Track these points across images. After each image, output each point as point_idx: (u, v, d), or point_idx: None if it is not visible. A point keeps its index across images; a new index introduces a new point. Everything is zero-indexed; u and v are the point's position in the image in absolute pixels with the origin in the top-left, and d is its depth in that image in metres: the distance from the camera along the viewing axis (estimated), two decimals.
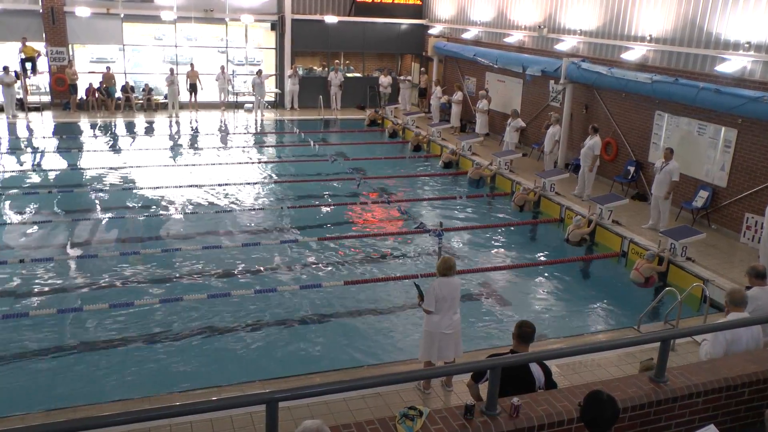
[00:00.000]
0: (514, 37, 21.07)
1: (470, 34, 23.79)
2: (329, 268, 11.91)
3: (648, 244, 12.36)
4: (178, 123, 24.53)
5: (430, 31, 27.07)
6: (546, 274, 12.01)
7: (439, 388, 7.90)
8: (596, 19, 17.42)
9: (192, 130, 23.84)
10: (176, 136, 22.95)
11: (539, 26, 19.75)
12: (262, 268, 11.79)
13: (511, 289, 11.37)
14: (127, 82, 26.11)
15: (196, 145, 21.40)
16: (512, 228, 14.49)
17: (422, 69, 28.44)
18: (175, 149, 21.02)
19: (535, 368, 5.60)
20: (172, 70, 25.10)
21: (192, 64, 25.96)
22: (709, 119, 13.96)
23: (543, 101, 20.08)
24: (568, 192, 15.70)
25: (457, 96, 22.58)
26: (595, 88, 17.39)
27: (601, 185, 16.61)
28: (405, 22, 28.08)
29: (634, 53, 15.92)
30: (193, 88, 25.80)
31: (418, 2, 28.06)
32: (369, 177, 16.32)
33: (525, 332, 5.77)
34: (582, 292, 11.37)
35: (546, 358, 5.74)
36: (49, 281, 11.07)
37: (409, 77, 27.46)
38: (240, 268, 11.75)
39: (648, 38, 15.58)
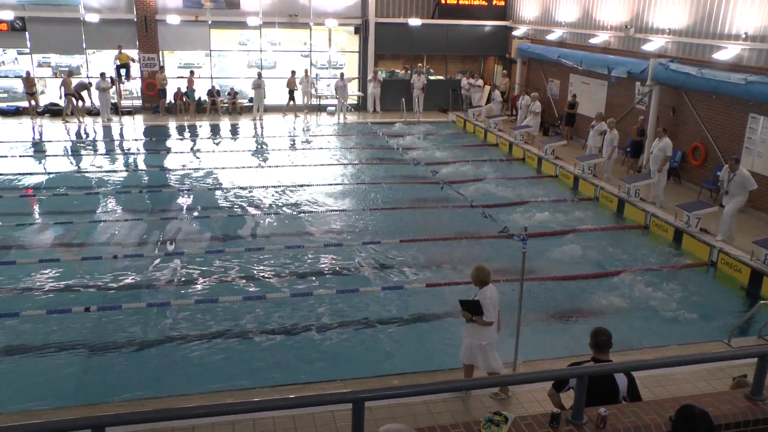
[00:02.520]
0: (600, 38, 20.66)
1: (554, 35, 23.47)
2: (411, 271, 11.98)
3: (739, 254, 11.90)
4: (262, 126, 25.14)
5: (514, 33, 26.82)
6: (630, 282, 11.72)
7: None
8: (686, 17, 16.89)
9: (283, 132, 24.33)
10: (260, 139, 23.51)
11: (626, 26, 19.28)
12: (344, 269, 11.98)
13: (594, 296, 11.15)
14: (213, 86, 26.99)
15: (279, 148, 21.85)
16: (595, 233, 14.20)
17: (504, 71, 28.19)
18: (259, 151, 21.56)
19: (619, 376, 5.54)
20: (259, 74, 25.77)
21: (293, 72, 26.69)
22: None
23: (628, 104, 19.60)
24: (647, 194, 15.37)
25: (536, 107, 22.23)
26: (683, 90, 16.87)
27: (688, 192, 16.10)
28: (488, 24, 27.92)
29: (726, 53, 15.36)
30: (291, 95, 26.40)
31: (502, 3, 27.83)
32: (452, 181, 16.29)
33: (601, 341, 5.72)
34: (668, 302, 11.05)
35: (632, 369, 5.64)
36: (139, 276, 11.59)
37: (479, 82, 27.18)
38: (322, 269, 11.97)
39: (743, 36, 14.99)
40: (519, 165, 20.13)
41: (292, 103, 26.55)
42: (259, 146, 22.40)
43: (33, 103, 24.92)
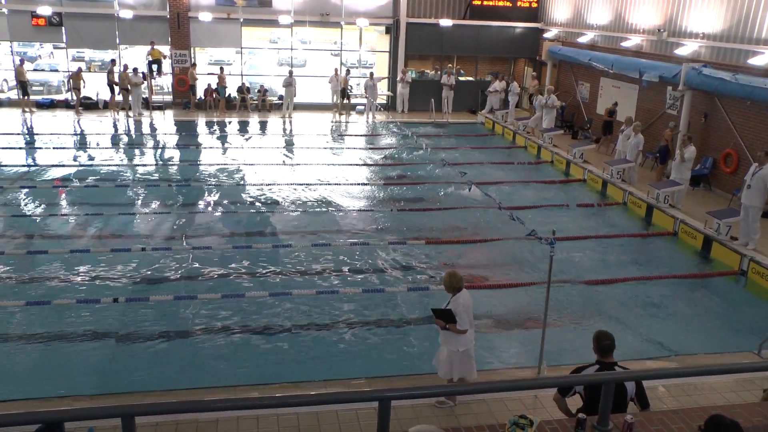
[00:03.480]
0: (632, 41, 20.45)
1: (586, 37, 23.28)
2: (437, 272, 11.97)
3: None
4: (291, 123, 25.28)
5: (545, 35, 26.65)
6: (657, 289, 11.60)
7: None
8: (721, 21, 16.65)
9: (312, 130, 24.46)
10: (289, 136, 23.64)
11: (658, 29, 19.06)
12: (369, 269, 12.00)
13: (620, 302, 11.05)
14: (243, 83, 27.21)
15: (307, 146, 21.94)
16: (623, 239, 14.08)
17: (534, 74, 28.02)
18: (287, 149, 21.67)
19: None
20: (290, 72, 25.93)
21: (348, 70, 26.89)
22: None
23: (659, 108, 19.39)
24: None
25: (552, 100, 22.12)
26: (716, 96, 16.65)
27: (719, 199, 15.90)
28: (520, 25, 27.79)
29: (762, 58, 15.13)
30: (343, 93, 26.62)
31: (534, 5, 27.67)
32: (480, 182, 16.26)
33: (605, 345, 5.75)
34: (696, 310, 10.93)
35: (659, 377, 5.60)
36: (167, 269, 11.72)
37: (496, 88, 27.01)
38: (348, 267, 12.00)
39: None
40: (547, 168, 20.01)
41: (346, 101, 26.80)
42: (287, 144, 22.52)
43: (74, 97, 25.28)
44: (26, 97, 25.09)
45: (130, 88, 24.69)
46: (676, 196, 15.17)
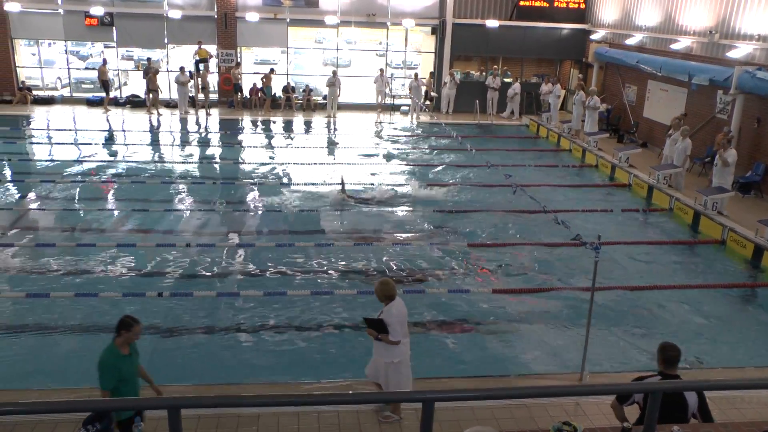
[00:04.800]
0: (682, 44, 20.02)
1: (634, 39, 22.89)
2: (478, 275, 11.91)
3: None
4: (335, 123, 25.42)
5: (592, 37, 26.29)
6: (704, 298, 11.36)
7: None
8: None
9: (356, 130, 24.56)
10: (332, 136, 23.74)
11: (710, 31, 18.62)
12: (411, 269, 11.99)
13: (665, 310, 10.84)
14: (288, 83, 27.48)
15: (350, 145, 22.02)
16: (669, 246, 13.81)
17: (580, 75, 27.70)
18: (331, 148, 21.78)
19: (689, 393, 5.40)
20: (334, 72, 26.09)
21: (431, 73, 27.20)
22: None
23: (708, 113, 18.96)
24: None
25: (594, 102, 21.94)
26: None
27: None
28: (566, 26, 27.47)
29: None
30: (426, 95, 26.76)
31: (582, 6, 27.34)
32: (524, 184, 16.07)
33: (671, 356, 5.60)
34: (745, 321, 10.66)
35: (709, 389, 5.45)
36: (210, 265, 11.90)
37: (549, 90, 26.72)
38: (389, 268, 12.02)
39: None
40: (592, 171, 19.75)
41: (427, 104, 26.98)
42: (331, 143, 22.62)
43: (151, 96, 25.87)
44: (107, 96, 25.71)
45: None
46: (721, 203, 14.83)
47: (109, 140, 21.85)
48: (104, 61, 26.41)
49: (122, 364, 6.03)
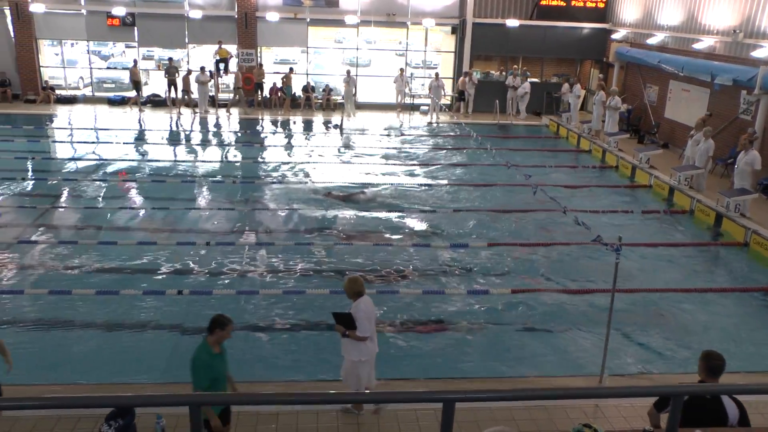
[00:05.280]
0: (704, 43, 19.82)
1: (655, 39, 22.70)
2: (498, 275, 11.88)
3: None
4: (353, 122, 25.45)
5: (613, 36, 26.11)
6: (726, 301, 11.24)
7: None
8: None
9: (374, 129, 24.57)
10: (351, 135, 23.73)
11: (734, 30, 18.41)
12: (430, 270, 11.98)
13: (690, 313, 10.73)
14: (308, 83, 27.58)
15: (369, 145, 22.04)
16: (690, 248, 13.68)
17: (601, 75, 27.52)
18: (349, 148, 21.74)
19: (729, 403, 5.09)
20: (348, 72, 26.14)
21: (466, 73, 27.23)
22: None
23: (731, 113, 18.75)
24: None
25: (615, 102, 21.81)
26: None
27: None
28: (587, 26, 27.33)
29: None
30: (461, 96, 26.85)
31: (602, 5, 27.16)
32: (544, 184, 15.99)
33: (716, 365, 5.24)
34: None
35: (742, 392, 5.25)
36: (230, 263, 11.97)
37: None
38: (408, 268, 12.01)
39: None
40: (612, 172, 19.61)
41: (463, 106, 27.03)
42: (349, 143, 22.56)
43: (176, 95, 26.24)
44: (138, 95, 26.03)
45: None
46: (743, 205, 14.67)
47: (138, 139, 22.10)
48: (135, 62, 26.69)
49: (215, 363, 6.07)
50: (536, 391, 6.02)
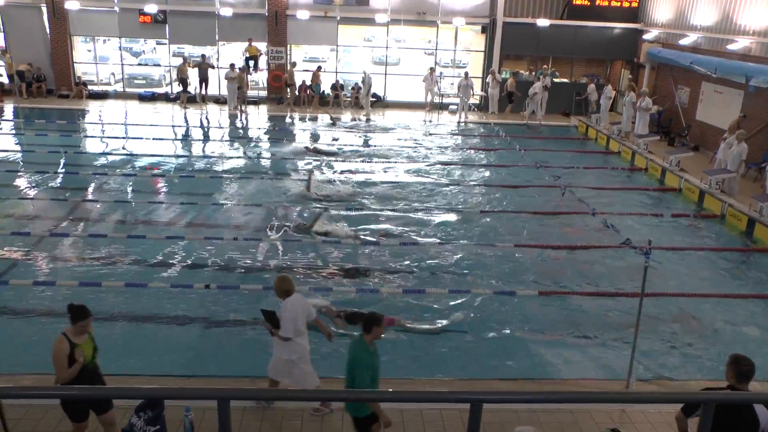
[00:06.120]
0: (739, 44, 19.48)
1: (688, 39, 22.38)
2: (524, 277, 11.81)
3: None
4: (370, 121, 25.49)
5: (645, 37, 25.80)
6: (757, 308, 11.04)
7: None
8: None
9: (402, 128, 24.54)
10: (377, 133, 23.71)
11: None
12: (456, 270, 11.95)
13: (720, 319, 10.57)
14: (337, 80, 27.66)
15: (397, 143, 22.01)
16: (721, 253, 13.48)
17: (630, 76, 27.22)
18: (377, 145, 21.70)
19: (761, 410, 4.99)
20: (365, 72, 26.21)
21: (514, 74, 27.12)
22: None
23: (766, 116, 18.43)
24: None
25: (647, 103, 21.58)
26: None
27: None
28: (618, 26, 27.04)
29: None
30: (509, 97, 26.84)
31: (634, 5, 26.85)
32: (574, 186, 15.90)
33: (746, 370, 5.16)
34: None
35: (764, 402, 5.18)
36: (257, 259, 12.07)
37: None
38: (434, 268, 11.98)
39: None
40: (641, 175, 19.39)
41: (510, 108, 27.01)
42: (376, 140, 22.51)
43: (205, 92, 26.47)
44: (185, 93, 26.35)
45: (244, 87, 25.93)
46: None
47: (171, 135, 22.40)
48: (184, 60, 26.98)
49: (374, 360, 6.15)
50: (564, 393, 5.99)
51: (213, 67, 26.84)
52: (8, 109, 25.05)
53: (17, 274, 11.07)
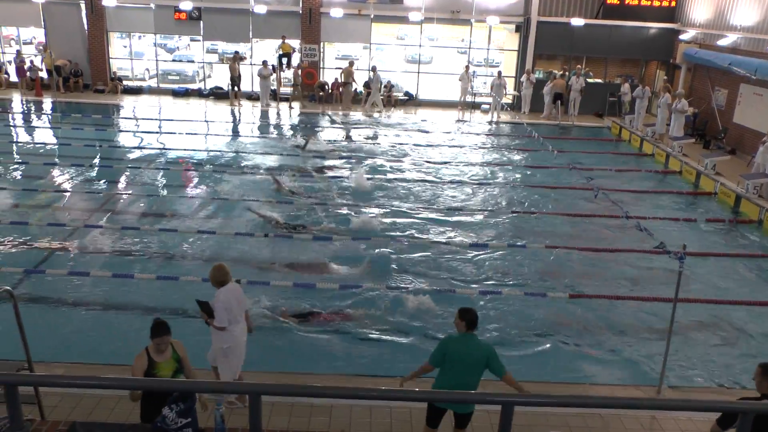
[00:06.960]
0: None
1: (727, 40, 21.96)
2: (555, 279, 11.69)
3: None
4: (375, 118, 25.50)
5: (681, 37, 25.39)
6: None
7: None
8: None
9: (435, 127, 24.47)
10: (411, 130, 23.68)
11: None
12: (488, 271, 11.87)
13: (751, 327, 10.36)
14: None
15: (428, 142, 21.94)
16: (758, 260, 13.19)
17: (665, 77, 26.81)
18: (409, 143, 21.60)
19: None
20: (374, 68, 26.31)
21: (562, 75, 27.01)
22: None
23: None
24: None
25: (683, 105, 21.25)
26: None
27: None
28: (654, 26, 26.65)
29: None
30: (558, 98, 26.59)
31: (672, 4, 26.44)
32: (606, 189, 15.69)
33: None
34: None
35: None
36: (293, 255, 12.12)
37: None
38: (464, 269, 11.91)
39: None
40: (675, 178, 19.09)
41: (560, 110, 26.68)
42: (408, 138, 22.42)
43: (238, 89, 26.68)
44: (236, 90, 26.58)
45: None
46: None
47: (233, 132, 22.89)
48: (234, 57, 27.23)
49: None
50: (595, 398, 5.93)
51: (244, 58, 26.98)
52: (47, 103, 25.54)
53: (54, 264, 11.28)
